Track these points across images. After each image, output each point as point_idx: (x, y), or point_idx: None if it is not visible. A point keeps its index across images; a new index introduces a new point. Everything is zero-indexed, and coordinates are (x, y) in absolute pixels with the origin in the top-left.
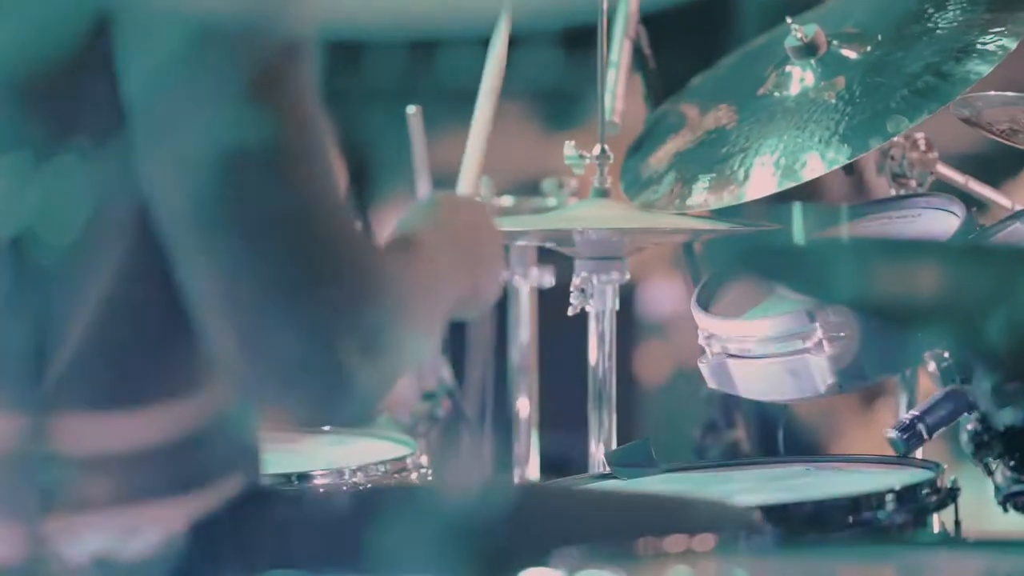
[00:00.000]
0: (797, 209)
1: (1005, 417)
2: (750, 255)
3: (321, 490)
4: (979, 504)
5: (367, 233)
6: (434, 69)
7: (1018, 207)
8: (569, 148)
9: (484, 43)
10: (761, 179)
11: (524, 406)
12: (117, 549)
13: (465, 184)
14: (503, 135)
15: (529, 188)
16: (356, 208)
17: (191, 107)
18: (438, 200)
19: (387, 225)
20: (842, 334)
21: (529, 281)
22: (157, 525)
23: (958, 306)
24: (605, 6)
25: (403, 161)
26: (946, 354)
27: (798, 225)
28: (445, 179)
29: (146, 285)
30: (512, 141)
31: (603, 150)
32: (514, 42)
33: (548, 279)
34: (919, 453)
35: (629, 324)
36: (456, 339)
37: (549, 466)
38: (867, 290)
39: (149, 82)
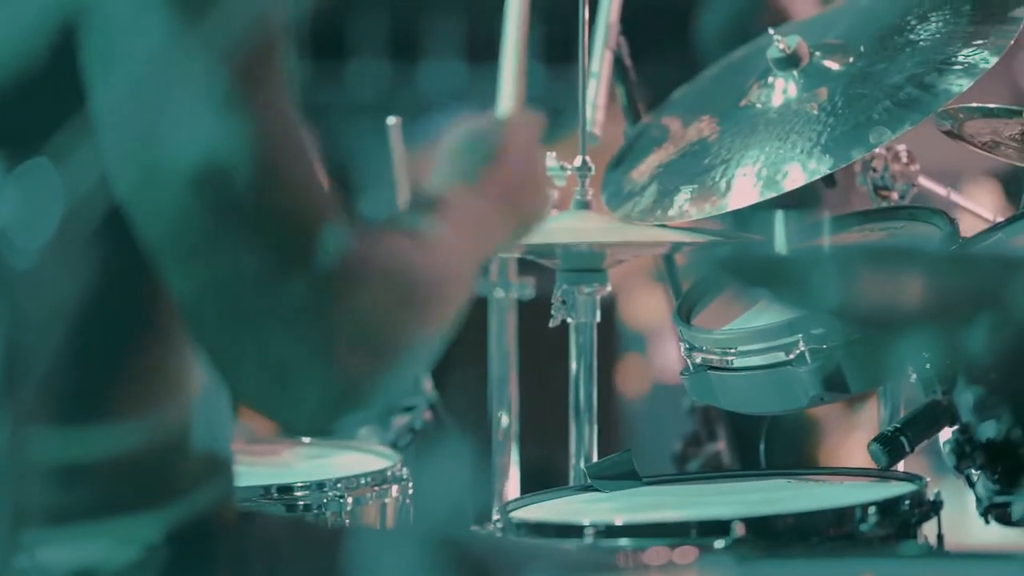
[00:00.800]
0: (779, 218)
1: (987, 429)
2: (730, 264)
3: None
4: (962, 517)
5: (356, 228)
6: (415, 82)
7: (1000, 219)
8: (550, 159)
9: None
10: (743, 190)
11: (504, 418)
12: (95, 562)
13: (507, 103)
14: None
15: None
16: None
17: (162, 118)
18: (483, 135)
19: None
20: (824, 346)
21: (510, 293)
22: (134, 537)
23: (939, 315)
24: (586, 17)
25: (383, 173)
26: (928, 365)
27: (780, 234)
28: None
29: (120, 293)
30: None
31: (584, 162)
32: (495, 53)
33: (529, 291)
34: (901, 466)
35: (611, 336)
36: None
37: (529, 478)
38: (848, 298)
39: (116, 92)
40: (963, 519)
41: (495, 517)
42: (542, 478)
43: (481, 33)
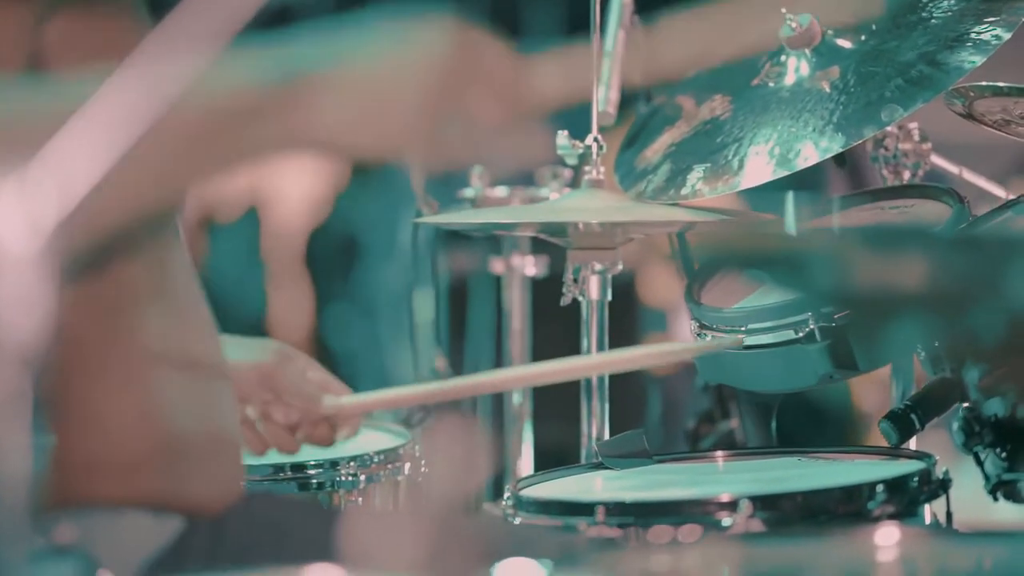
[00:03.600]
0: (789, 198)
1: (993, 407)
2: (730, 246)
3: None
4: (973, 494)
5: None
6: None
7: (1012, 196)
8: (562, 138)
9: None
10: (756, 169)
11: (517, 396)
12: (88, 541)
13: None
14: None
15: (524, 178)
16: None
17: None
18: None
19: None
20: (834, 324)
21: (522, 270)
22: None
23: (944, 296)
24: None
25: None
26: (936, 343)
27: (790, 214)
28: None
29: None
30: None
31: (596, 140)
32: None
33: (540, 268)
34: (912, 443)
35: (625, 313)
36: (449, 329)
37: (542, 457)
38: (846, 280)
39: None
40: (974, 497)
41: (506, 495)
42: (555, 456)
43: (505, 11)
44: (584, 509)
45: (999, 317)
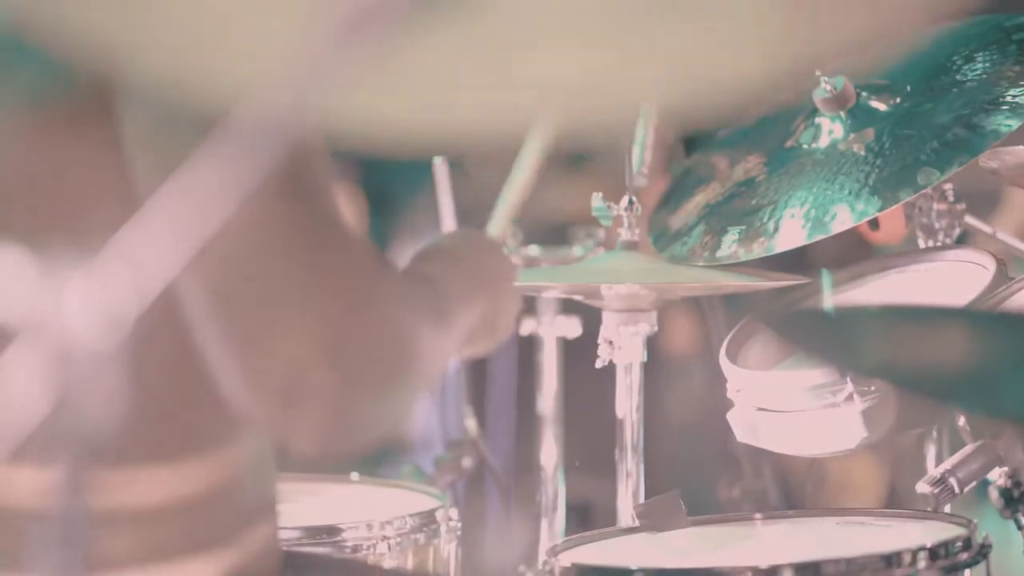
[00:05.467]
0: (826, 276)
1: None
2: (775, 323)
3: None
4: (1011, 559)
5: (378, 260)
6: None
7: None
8: (597, 199)
9: None
10: (791, 231)
11: (551, 455)
12: None
13: (494, 228)
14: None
15: (557, 237)
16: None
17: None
18: (453, 235)
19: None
20: (873, 388)
21: (555, 330)
22: None
23: (981, 373)
24: None
25: (430, 211)
26: (975, 412)
27: (826, 289)
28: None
29: (171, 335)
30: (540, 190)
31: (631, 201)
32: None
33: (574, 329)
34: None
35: (659, 371)
36: (480, 388)
37: (576, 517)
38: (890, 358)
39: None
40: (1014, 561)
41: (542, 559)
42: (588, 518)
43: None
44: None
45: None
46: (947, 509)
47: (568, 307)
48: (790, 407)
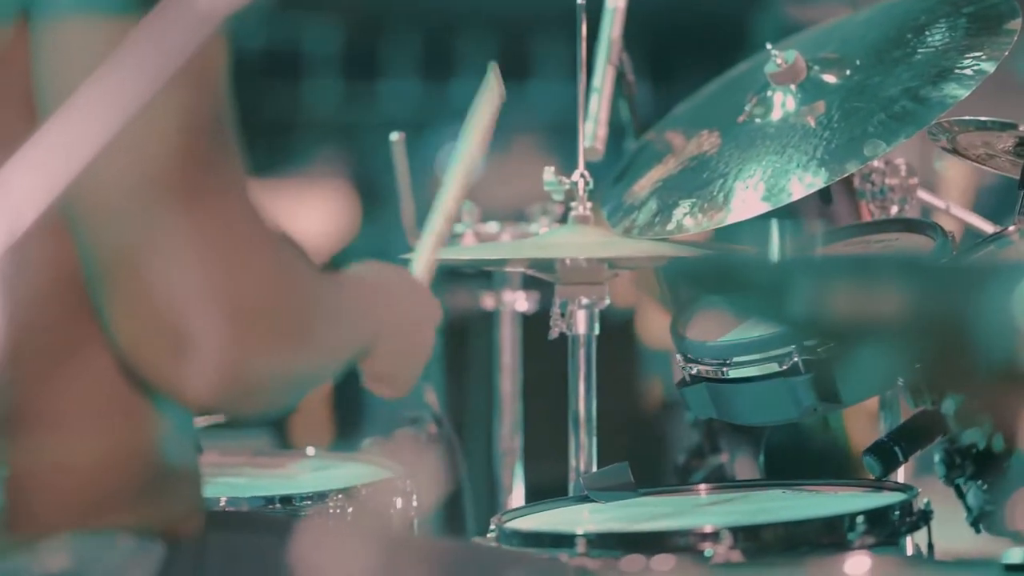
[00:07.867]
0: (773, 227)
1: (971, 438)
2: (693, 274)
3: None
4: (953, 526)
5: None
6: (447, 101)
7: (993, 231)
8: (549, 174)
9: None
10: (742, 204)
11: (507, 431)
12: (78, 567)
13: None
14: (489, 162)
15: (515, 215)
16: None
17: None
18: (381, 267)
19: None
20: (817, 356)
21: (511, 306)
22: (110, 543)
23: (923, 326)
24: (585, 32)
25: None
26: (916, 375)
27: (774, 243)
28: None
29: (71, 298)
30: (498, 168)
31: (583, 175)
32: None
33: (531, 304)
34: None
35: (623, 352)
36: (440, 365)
37: (532, 490)
38: (818, 309)
39: (60, 88)
40: (955, 528)
41: (491, 527)
42: (545, 490)
43: (513, 53)
44: (566, 541)
45: (976, 348)
46: (898, 478)
47: (527, 283)
48: (736, 377)
